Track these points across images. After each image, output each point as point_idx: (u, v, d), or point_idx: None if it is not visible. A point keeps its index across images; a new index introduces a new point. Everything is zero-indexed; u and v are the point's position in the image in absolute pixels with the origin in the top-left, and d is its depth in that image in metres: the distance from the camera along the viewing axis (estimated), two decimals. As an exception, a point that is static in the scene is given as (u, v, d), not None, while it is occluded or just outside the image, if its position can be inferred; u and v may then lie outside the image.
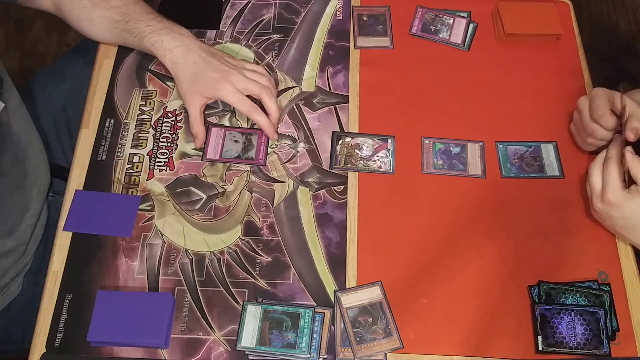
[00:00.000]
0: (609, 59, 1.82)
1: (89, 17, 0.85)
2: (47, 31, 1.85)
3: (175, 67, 0.83)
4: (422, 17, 0.98)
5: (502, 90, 0.92)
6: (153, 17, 0.85)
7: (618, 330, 0.73)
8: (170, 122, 0.87)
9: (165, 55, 0.83)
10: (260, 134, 0.86)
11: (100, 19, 0.85)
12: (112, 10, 0.85)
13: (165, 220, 0.80)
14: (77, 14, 0.86)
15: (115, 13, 0.85)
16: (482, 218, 0.81)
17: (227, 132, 0.87)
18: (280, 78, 0.92)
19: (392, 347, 0.72)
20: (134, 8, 0.85)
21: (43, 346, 0.71)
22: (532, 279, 0.77)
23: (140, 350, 0.71)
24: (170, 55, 0.83)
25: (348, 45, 0.96)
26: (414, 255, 0.78)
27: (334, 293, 0.75)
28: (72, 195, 0.80)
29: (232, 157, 0.84)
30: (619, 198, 0.71)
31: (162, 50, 0.83)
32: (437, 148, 0.86)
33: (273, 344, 0.71)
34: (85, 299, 0.74)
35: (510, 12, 0.96)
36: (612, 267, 0.78)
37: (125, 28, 0.84)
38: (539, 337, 0.72)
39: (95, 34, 0.88)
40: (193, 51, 0.83)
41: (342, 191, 0.83)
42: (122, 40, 0.87)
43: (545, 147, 0.87)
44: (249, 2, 1.00)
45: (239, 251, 0.78)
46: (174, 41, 0.83)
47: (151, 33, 0.83)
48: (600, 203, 0.73)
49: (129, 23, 0.84)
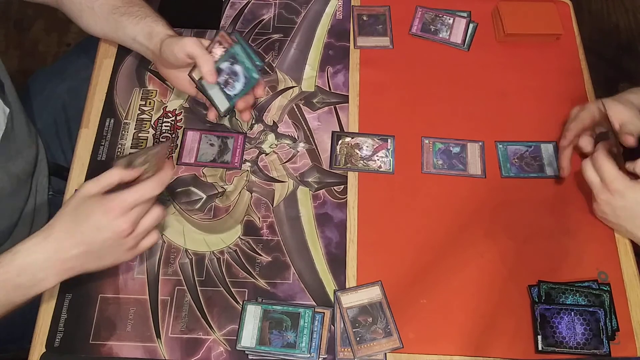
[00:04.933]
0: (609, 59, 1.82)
1: (90, 5, 0.85)
2: (47, 31, 1.85)
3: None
4: (422, 17, 0.98)
5: (502, 90, 0.92)
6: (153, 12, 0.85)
7: (618, 330, 0.73)
8: (170, 121, 0.88)
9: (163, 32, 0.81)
10: (237, 137, 0.86)
11: (101, 6, 0.85)
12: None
13: (165, 220, 0.80)
14: (79, 2, 0.86)
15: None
16: (481, 218, 0.81)
17: (202, 135, 0.86)
18: (280, 78, 0.92)
19: (392, 347, 0.72)
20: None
21: (43, 346, 0.71)
22: (532, 278, 0.77)
23: (140, 349, 0.71)
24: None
25: (348, 45, 0.96)
26: (414, 255, 0.78)
27: (334, 293, 0.75)
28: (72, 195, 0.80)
29: (208, 161, 0.84)
30: (622, 185, 0.72)
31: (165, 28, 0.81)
32: (437, 148, 0.86)
33: (273, 343, 0.71)
34: (85, 299, 0.74)
35: (510, 12, 0.96)
36: (612, 267, 0.78)
37: (126, 12, 0.83)
38: (538, 337, 0.72)
39: (94, 25, 0.87)
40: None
41: (342, 191, 0.83)
42: (117, 28, 0.84)
43: (545, 147, 0.87)
44: (249, 2, 1.00)
45: (238, 251, 0.78)
46: (171, 30, 0.82)
47: (153, 15, 0.83)
48: (604, 194, 0.74)
49: (132, 8, 0.83)
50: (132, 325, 0.73)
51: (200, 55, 0.74)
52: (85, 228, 0.63)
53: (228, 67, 0.76)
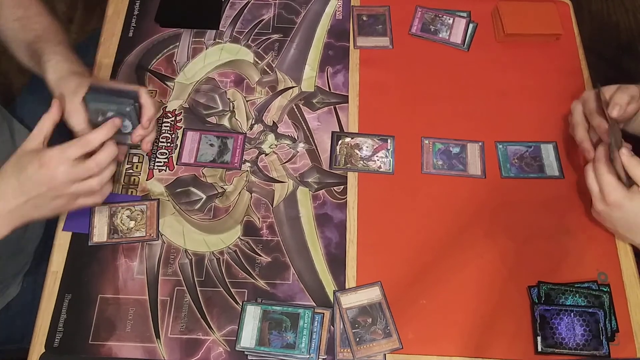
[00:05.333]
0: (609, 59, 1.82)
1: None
2: (47, 31, 1.85)
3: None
4: (421, 17, 0.98)
5: (502, 90, 0.92)
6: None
7: (617, 331, 0.73)
8: (170, 122, 0.87)
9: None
10: (236, 137, 0.86)
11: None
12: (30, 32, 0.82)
13: (164, 220, 0.80)
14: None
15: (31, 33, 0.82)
16: (481, 218, 0.81)
17: (202, 135, 0.86)
18: (280, 78, 0.92)
19: (391, 348, 0.72)
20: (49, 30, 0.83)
21: (42, 346, 0.71)
22: (532, 279, 0.77)
23: (140, 350, 0.71)
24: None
25: (348, 45, 0.95)
26: (413, 255, 0.78)
27: (334, 293, 0.75)
28: (72, 195, 0.80)
29: (207, 161, 0.84)
30: (620, 198, 0.71)
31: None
32: (436, 148, 0.86)
33: (272, 344, 0.71)
34: (85, 299, 0.74)
35: (510, 12, 0.95)
36: (612, 267, 0.78)
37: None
38: (538, 338, 0.72)
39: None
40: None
41: (341, 191, 0.83)
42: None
43: (545, 147, 0.87)
44: (249, 2, 1.00)
45: (238, 251, 0.78)
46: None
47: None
48: (601, 205, 0.73)
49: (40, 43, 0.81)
50: (131, 326, 0.73)
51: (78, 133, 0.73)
52: (23, 181, 0.66)
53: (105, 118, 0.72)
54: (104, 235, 0.78)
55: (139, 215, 0.79)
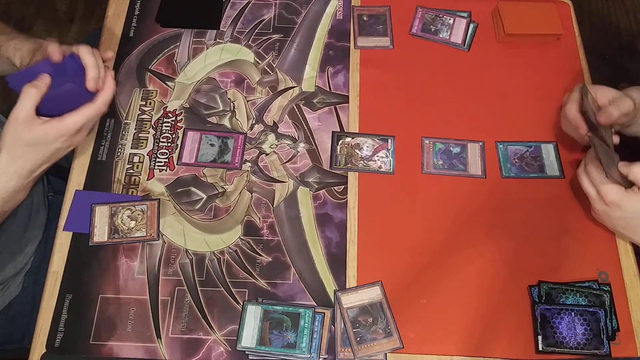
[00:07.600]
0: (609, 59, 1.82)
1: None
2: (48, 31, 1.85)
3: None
4: (422, 17, 0.98)
5: (502, 90, 0.92)
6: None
7: (618, 330, 0.73)
8: (171, 122, 0.87)
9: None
10: (237, 137, 0.86)
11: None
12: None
13: (165, 220, 0.80)
14: None
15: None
16: (482, 218, 0.81)
17: (202, 135, 0.86)
18: (280, 78, 0.92)
19: (392, 347, 0.72)
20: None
21: (43, 346, 0.71)
22: (532, 278, 0.77)
23: (140, 350, 0.71)
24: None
25: (348, 45, 0.96)
26: (414, 255, 0.78)
27: (334, 293, 0.75)
28: (72, 195, 0.80)
29: (208, 161, 0.84)
30: (618, 198, 0.71)
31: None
32: (437, 148, 0.86)
33: (273, 344, 0.71)
34: (86, 299, 0.74)
35: (510, 12, 0.96)
36: (613, 267, 0.78)
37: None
38: (539, 337, 0.72)
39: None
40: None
41: (342, 191, 0.83)
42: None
43: (545, 147, 0.87)
44: (249, 2, 1.00)
45: (239, 251, 0.78)
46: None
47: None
48: (600, 205, 0.74)
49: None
50: (132, 326, 0.73)
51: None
52: (27, 148, 0.69)
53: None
54: (104, 235, 0.78)
55: (139, 215, 0.79)
